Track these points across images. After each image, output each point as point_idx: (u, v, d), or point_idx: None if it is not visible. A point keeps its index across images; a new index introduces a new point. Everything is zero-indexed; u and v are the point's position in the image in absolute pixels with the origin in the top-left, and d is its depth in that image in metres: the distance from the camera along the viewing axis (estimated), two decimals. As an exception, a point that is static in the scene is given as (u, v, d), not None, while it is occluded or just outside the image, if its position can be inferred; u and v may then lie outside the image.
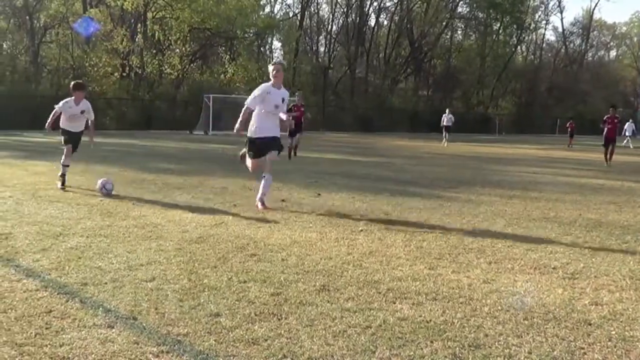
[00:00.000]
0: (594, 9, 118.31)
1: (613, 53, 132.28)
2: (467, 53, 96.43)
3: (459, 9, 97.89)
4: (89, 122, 14.81)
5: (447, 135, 44.92)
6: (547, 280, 7.23)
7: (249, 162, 12.33)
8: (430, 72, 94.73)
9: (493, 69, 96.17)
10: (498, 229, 10.49)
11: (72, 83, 14.83)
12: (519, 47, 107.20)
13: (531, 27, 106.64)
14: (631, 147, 51.17)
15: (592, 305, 6.36)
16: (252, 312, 5.75)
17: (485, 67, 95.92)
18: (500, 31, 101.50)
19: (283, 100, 12.01)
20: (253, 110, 11.85)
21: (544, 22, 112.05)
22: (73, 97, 14.31)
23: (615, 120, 29.27)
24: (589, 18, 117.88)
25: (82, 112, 14.45)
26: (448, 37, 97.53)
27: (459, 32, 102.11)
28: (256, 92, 11.86)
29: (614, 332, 5.59)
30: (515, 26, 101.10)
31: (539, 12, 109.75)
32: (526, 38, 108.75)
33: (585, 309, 6.20)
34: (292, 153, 25.97)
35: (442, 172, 21.94)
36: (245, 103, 11.91)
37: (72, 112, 14.34)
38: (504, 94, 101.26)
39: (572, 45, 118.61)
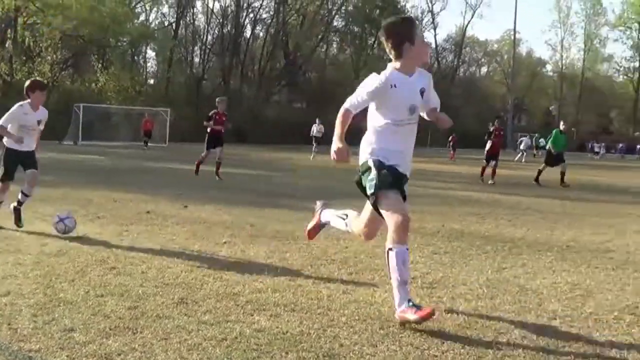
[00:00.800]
0: (466, 26, 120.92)
1: (484, 69, 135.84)
2: (341, 66, 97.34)
3: (335, 23, 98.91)
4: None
5: (316, 147, 42.85)
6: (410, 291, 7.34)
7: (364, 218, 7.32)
8: (304, 85, 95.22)
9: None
10: (361, 240, 10.58)
11: (30, 81, 10.84)
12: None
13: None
14: (523, 161, 52.43)
15: (448, 313, 6.49)
16: (107, 326, 5.63)
17: (360, 81, 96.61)
18: (375, 45, 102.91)
19: (422, 92, 6.78)
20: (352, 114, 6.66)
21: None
22: (29, 101, 10.52)
23: (501, 133, 28.07)
24: (462, 35, 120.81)
25: (39, 122, 10.77)
26: (323, 50, 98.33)
27: (334, 45, 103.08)
28: (369, 84, 6.80)
29: (467, 340, 5.70)
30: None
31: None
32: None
33: (441, 318, 6.30)
34: (217, 171, 22.04)
35: (309, 183, 22.09)
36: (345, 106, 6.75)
37: (27, 121, 10.55)
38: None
39: (444, 61, 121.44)
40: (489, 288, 7.61)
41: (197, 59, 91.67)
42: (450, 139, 53.19)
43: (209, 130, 22.14)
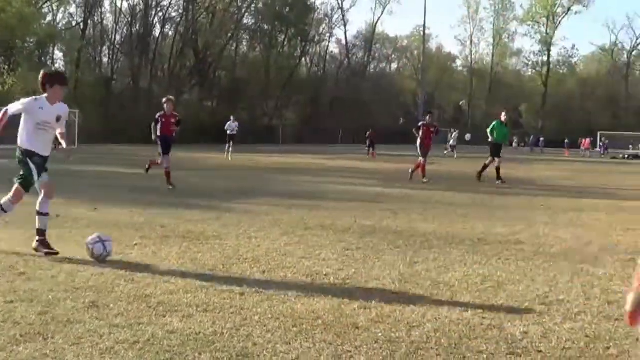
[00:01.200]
0: (376, 22, 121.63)
1: (395, 65, 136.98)
2: (252, 65, 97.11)
3: (245, 21, 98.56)
4: (57, 134, 9.34)
5: (231, 145, 40.79)
6: (319, 287, 7.36)
7: None
8: (215, 83, 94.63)
9: (278, 81, 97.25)
10: (274, 238, 10.59)
11: (48, 73, 9.34)
12: (303, 59, 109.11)
13: (315, 40, 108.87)
14: (455, 156, 52.78)
15: (361, 309, 6.51)
16: (17, 333, 5.50)
17: (270, 79, 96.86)
18: (285, 43, 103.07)
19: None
20: None
21: (328, 34, 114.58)
22: (46, 95, 9.07)
23: (432, 129, 25.35)
24: (372, 31, 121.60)
25: (58, 119, 9.21)
26: (233, 48, 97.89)
27: (245, 43, 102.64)
28: None
29: (380, 334, 5.74)
30: (299, 38, 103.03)
31: (324, 25, 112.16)
32: (310, 50, 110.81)
33: (354, 313, 6.34)
34: (168, 179, 19.27)
35: (223, 183, 21.98)
36: None
37: (44, 117, 9.01)
38: (288, 105, 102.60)
39: (355, 57, 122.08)
40: (402, 282, 7.67)
41: (105, 59, 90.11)
42: (368, 134, 52.57)
43: (158, 133, 19.43)
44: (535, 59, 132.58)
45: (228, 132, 41.20)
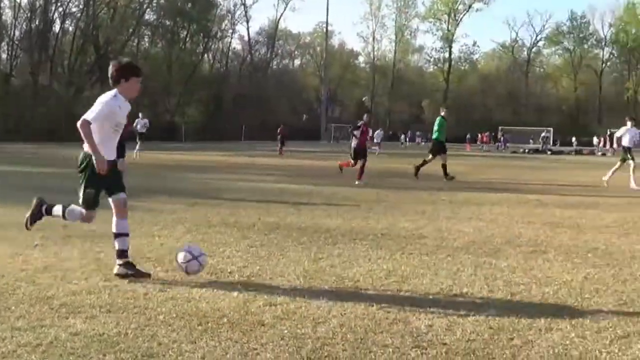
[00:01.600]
0: (279, 18, 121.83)
1: (297, 62, 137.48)
2: (154, 61, 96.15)
3: (147, 16, 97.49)
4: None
5: (140, 144, 38.32)
6: (223, 284, 7.33)
7: None
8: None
9: (180, 77, 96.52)
10: (177, 236, 10.51)
11: (124, 62, 8.14)
12: (205, 55, 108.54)
13: (218, 36, 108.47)
14: (377, 153, 52.85)
15: (267, 306, 6.51)
16: None
17: (173, 75, 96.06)
18: (188, 39, 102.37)
19: None
20: None
21: (230, 31, 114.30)
22: (119, 90, 7.83)
23: (367, 129, 24.01)
24: (275, 28, 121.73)
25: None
26: (135, 44, 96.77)
27: (146, 39, 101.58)
28: None
29: (286, 331, 5.75)
30: (202, 34, 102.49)
31: (226, 21, 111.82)
32: (213, 46, 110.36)
33: (259, 311, 6.34)
34: None
35: (126, 181, 21.67)
36: None
37: (122, 117, 7.95)
38: (191, 102, 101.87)
39: (258, 54, 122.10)
40: (306, 279, 7.70)
41: (4, 55, 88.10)
42: (278, 131, 52.04)
43: None
44: (437, 56, 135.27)
45: (138, 130, 39.09)
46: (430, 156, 24.98)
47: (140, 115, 40.15)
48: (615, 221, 13.67)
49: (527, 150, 77.30)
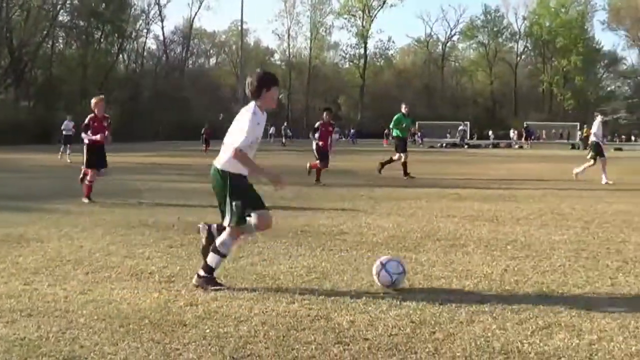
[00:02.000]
0: (194, 17, 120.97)
1: (213, 60, 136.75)
2: (68, 62, 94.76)
3: (60, 17, 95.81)
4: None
5: (68, 147, 36.92)
6: (144, 285, 7.31)
7: None
8: (31, 82, 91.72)
9: (95, 78, 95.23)
10: (97, 238, 10.40)
11: (266, 72, 7.91)
12: (120, 55, 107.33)
13: (133, 36, 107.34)
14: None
15: (188, 306, 6.52)
16: None
17: (88, 76, 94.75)
18: (102, 40, 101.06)
19: None
20: None
21: (145, 30, 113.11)
22: (258, 103, 7.45)
23: (330, 129, 22.75)
24: (190, 27, 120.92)
25: None
26: (49, 46, 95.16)
27: (61, 40, 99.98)
28: None
29: (208, 331, 5.76)
30: (116, 35, 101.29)
31: (141, 21, 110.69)
32: (128, 47, 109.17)
33: (180, 311, 6.35)
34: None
35: (46, 184, 21.42)
36: None
37: (260, 132, 7.64)
38: (107, 103, 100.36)
39: (173, 53, 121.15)
40: (227, 278, 7.68)
41: None
42: (203, 131, 51.71)
43: (86, 141, 16.39)
44: (352, 52, 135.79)
45: (64, 132, 37.99)
46: (398, 154, 24.44)
47: (67, 118, 39.16)
48: (532, 213, 13.94)
49: (444, 145, 78.10)
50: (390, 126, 25.09)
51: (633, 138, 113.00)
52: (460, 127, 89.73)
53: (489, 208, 14.78)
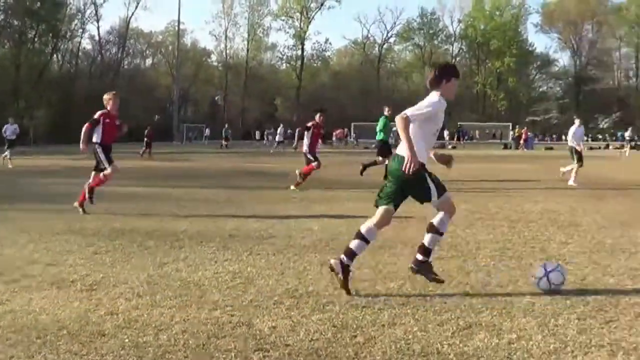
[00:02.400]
0: (130, 17, 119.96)
1: (149, 61, 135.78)
2: (1, 62, 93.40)
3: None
4: None
5: (9, 150, 35.98)
6: (65, 294, 7.19)
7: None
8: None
9: (28, 79, 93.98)
10: (20, 245, 10.21)
11: (447, 64, 8.27)
12: (55, 55, 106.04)
13: (68, 36, 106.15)
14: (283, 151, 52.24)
15: (108, 315, 6.43)
16: None
17: (21, 77, 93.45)
18: (36, 39, 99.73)
19: None
20: None
21: (80, 30, 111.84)
22: (440, 93, 7.83)
23: (322, 131, 22.42)
24: (126, 27, 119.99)
25: None
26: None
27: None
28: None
29: (127, 340, 5.70)
30: (51, 34, 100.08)
31: (76, 21, 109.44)
32: (62, 47, 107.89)
33: (100, 320, 6.26)
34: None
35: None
36: None
37: (440, 121, 8.09)
38: (40, 104, 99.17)
39: (108, 53, 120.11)
40: (150, 285, 7.62)
41: None
42: (146, 132, 50.16)
43: (96, 140, 15.88)
44: (289, 53, 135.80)
45: (7, 136, 37.31)
46: (380, 158, 23.80)
47: (10, 120, 38.35)
48: (460, 213, 14.00)
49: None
50: (377, 129, 24.42)
51: (564, 137, 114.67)
52: (394, 128, 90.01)
53: (418, 208, 14.81)
